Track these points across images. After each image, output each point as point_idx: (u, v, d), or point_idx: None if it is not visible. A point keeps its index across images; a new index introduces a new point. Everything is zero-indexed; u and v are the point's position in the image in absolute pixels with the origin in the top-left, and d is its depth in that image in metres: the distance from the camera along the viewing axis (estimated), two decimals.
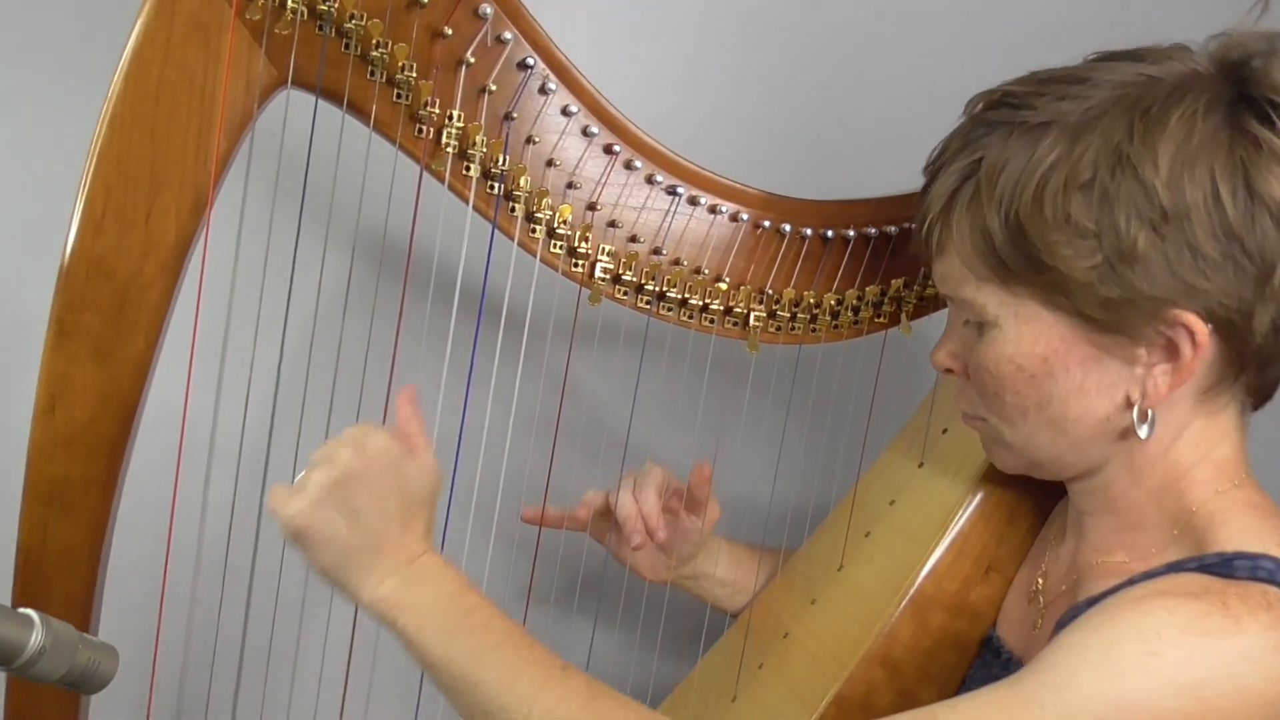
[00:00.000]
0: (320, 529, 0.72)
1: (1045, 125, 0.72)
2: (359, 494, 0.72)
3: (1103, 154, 0.70)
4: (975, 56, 1.18)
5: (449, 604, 0.73)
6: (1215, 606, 0.65)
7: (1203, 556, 0.70)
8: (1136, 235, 0.69)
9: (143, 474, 0.83)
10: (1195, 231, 0.68)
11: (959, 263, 0.76)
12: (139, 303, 0.77)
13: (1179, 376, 0.72)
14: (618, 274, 0.86)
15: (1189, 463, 0.75)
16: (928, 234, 0.78)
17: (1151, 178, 0.68)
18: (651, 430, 1.13)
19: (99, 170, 0.74)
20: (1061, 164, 0.70)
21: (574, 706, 0.70)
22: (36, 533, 0.78)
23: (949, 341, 0.82)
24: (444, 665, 0.71)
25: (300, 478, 0.74)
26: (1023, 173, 0.71)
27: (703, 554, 1.01)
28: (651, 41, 1.15)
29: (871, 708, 0.85)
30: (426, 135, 0.81)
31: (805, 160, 1.18)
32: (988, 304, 0.75)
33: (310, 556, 0.73)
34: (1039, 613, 0.83)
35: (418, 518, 0.75)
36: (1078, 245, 0.70)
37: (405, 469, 0.74)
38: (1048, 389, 0.75)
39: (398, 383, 0.87)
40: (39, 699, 0.81)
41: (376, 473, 0.73)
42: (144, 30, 0.74)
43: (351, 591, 0.73)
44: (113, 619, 0.83)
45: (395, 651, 0.74)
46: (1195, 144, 0.69)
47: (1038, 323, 0.74)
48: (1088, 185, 0.70)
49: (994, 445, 0.82)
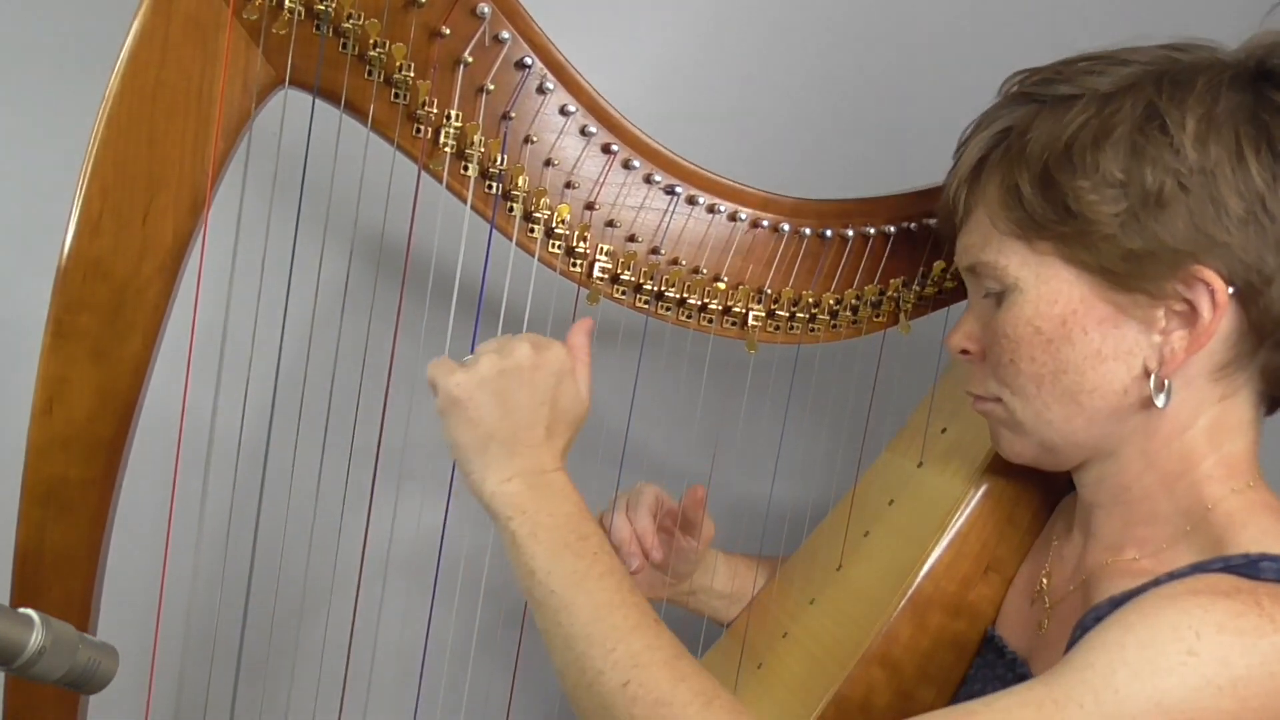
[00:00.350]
0: (474, 407, 0.76)
1: (1076, 96, 0.75)
2: (521, 389, 0.76)
3: (1133, 110, 0.72)
4: (976, 57, 1.18)
5: (566, 522, 0.75)
6: (1249, 606, 0.65)
7: (1228, 558, 0.70)
8: (1162, 184, 0.71)
9: (141, 474, 0.83)
10: (1219, 187, 0.71)
11: (985, 223, 0.78)
12: (137, 303, 0.76)
13: (1197, 340, 0.72)
14: (616, 273, 0.86)
15: (1203, 452, 0.75)
16: (955, 201, 0.80)
17: (1179, 134, 0.71)
18: (650, 430, 1.13)
19: (96, 171, 0.74)
20: (1092, 122, 0.73)
21: (659, 658, 0.70)
22: (34, 533, 0.78)
23: (966, 323, 0.83)
24: (544, 577, 0.73)
25: (472, 356, 0.77)
26: (1053, 130, 0.74)
27: (700, 569, 1.01)
28: (649, 40, 1.15)
29: (870, 708, 0.85)
30: (424, 135, 0.81)
31: (804, 159, 1.18)
32: (1009, 264, 0.76)
33: (451, 431, 0.77)
34: (1044, 613, 0.82)
35: (561, 435, 0.78)
36: (1104, 192, 0.72)
37: (567, 385, 0.78)
38: (1065, 355, 0.75)
39: (396, 383, 0.87)
40: (38, 699, 0.81)
41: (543, 376, 0.77)
42: (141, 30, 0.74)
43: (476, 478, 0.76)
44: (111, 619, 0.83)
45: (395, 652, 0.74)
46: (1221, 108, 0.71)
47: (1058, 282, 0.75)
48: (1118, 140, 0.72)
49: (1003, 430, 0.82)
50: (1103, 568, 0.78)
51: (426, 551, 0.92)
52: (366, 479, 0.88)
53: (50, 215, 0.79)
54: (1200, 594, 0.67)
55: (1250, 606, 0.65)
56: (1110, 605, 0.71)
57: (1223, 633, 0.64)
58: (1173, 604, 0.67)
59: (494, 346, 0.78)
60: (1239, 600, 0.65)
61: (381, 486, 0.93)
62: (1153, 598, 0.69)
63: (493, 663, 1.11)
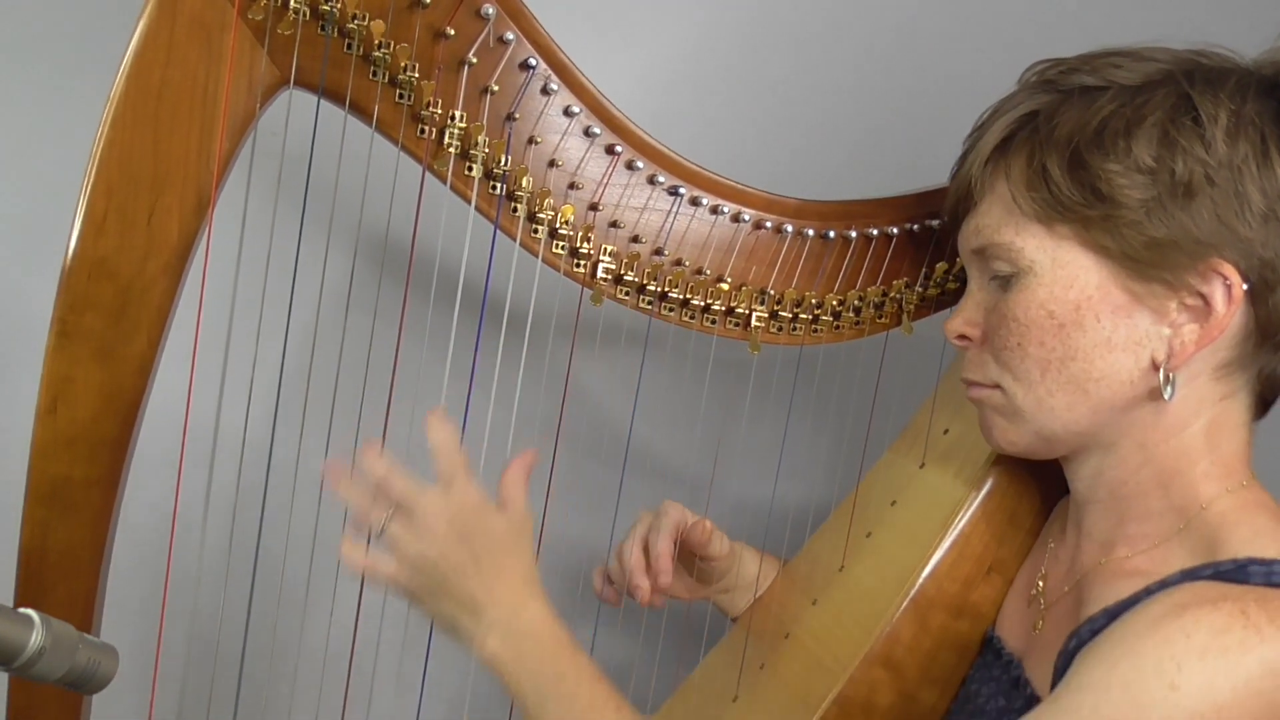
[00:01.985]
0: (420, 590, 0.77)
1: (1102, 88, 0.76)
2: (444, 556, 0.76)
3: (1165, 100, 0.73)
4: (978, 57, 1.18)
5: (542, 667, 0.77)
6: (1235, 617, 0.65)
7: (1217, 564, 0.70)
8: (1192, 173, 0.72)
9: (145, 474, 0.83)
10: (1245, 182, 0.72)
11: (1004, 204, 0.77)
12: (141, 303, 0.77)
13: (1208, 333, 0.73)
14: (619, 274, 0.86)
15: (1200, 451, 0.75)
16: (974, 180, 0.80)
17: (1211, 127, 0.72)
18: (653, 431, 1.13)
19: (101, 171, 0.74)
20: (1124, 110, 0.74)
21: None
22: (38, 533, 0.78)
23: (965, 308, 0.82)
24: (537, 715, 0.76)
25: (384, 526, 0.77)
26: (1083, 115, 0.75)
27: (733, 568, 1.01)
28: (653, 42, 1.15)
29: (872, 708, 0.85)
30: (429, 136, 0.81)
31: (807, 160, 1.19)
32: (1026, 247, 0.76)
33: (427, 614, 0.78)
34: (1040, 614, 0.83)
35: (508, 566, 0.77)
36: (1134, 178, 0.72)
37: (488, 522, 0.77)
38: (1075, 341, 0.75)
39: (400, 383, 0.87)
40: (40, 699, 0.81)
41: (456, 535, 0.76)
42: (146, 30, 0.74)
43: (471, 648, 0.78)
44: (114, 619, 0.83)
45: (396, 651, 0.74)
46: (1249, 109, 0.73)
47: (1074, 267, 0.75)
48: (1150, 126, 0.73)
49: (997, 418, 0.81)
50: (1096, 568, 0.78)
51: None
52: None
53: (55, 215, 0.79)
54: (1185, 613, 0.66)
55: (1236, 618, 0.65)
56: (1106, 617, 0.71)
57: (1205, 658, 0.64)
58: (1156, 633, 0.66)
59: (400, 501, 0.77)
60: (1224, 612, 0.65)
61: None
62: (1137, 623, 0.68)
63: None
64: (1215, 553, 0.71)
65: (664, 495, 0.98)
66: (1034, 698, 0.77)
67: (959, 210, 0.82)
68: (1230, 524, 0.72)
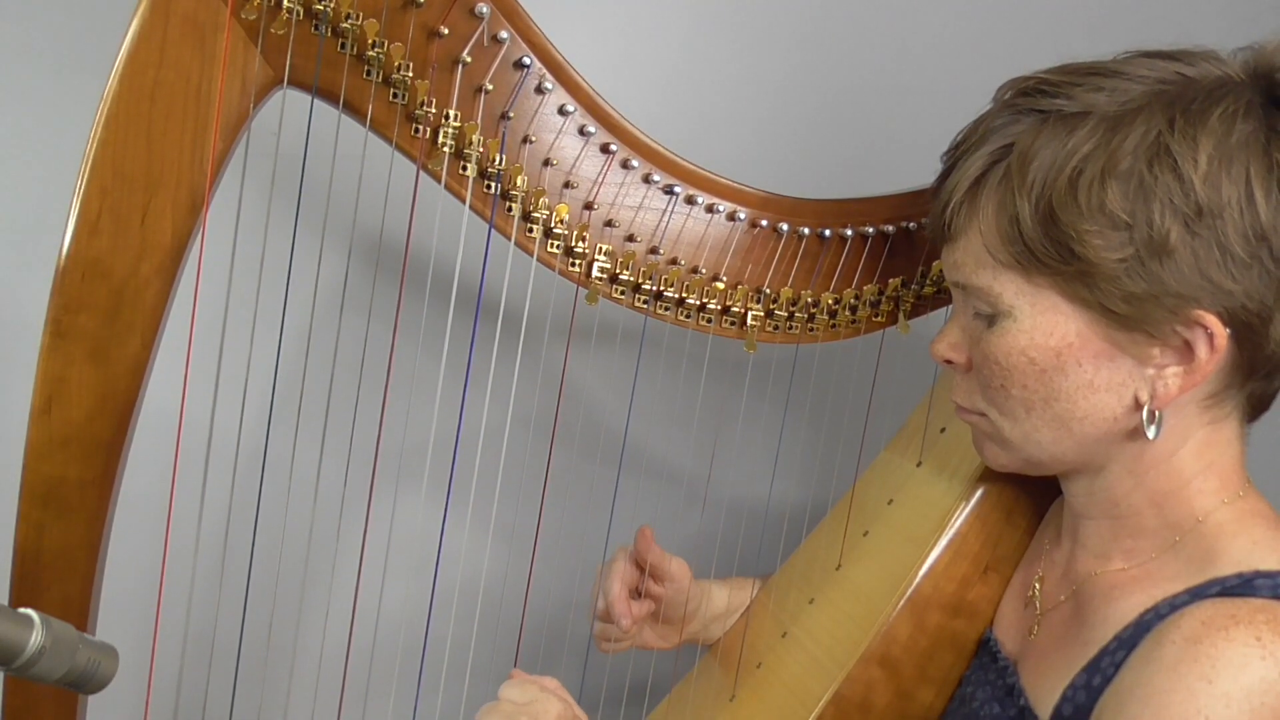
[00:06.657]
0: None
1: (1081, 115, 0.72)
2: None
3: (1143, 144, 0.69)
4: (975, 56, 1.18)
5: None
6: (1250, 645, 0.65)
7: (1223, 579, 0.70)
8: (1170, 229, 0.69)
9: (140, 474, 0.83)
10: (1227, 230, 0.69)
11: (979, 248, 0.75)
12: (135, 303, 0.76)
13: (1191, 379, 0.71)
14: (615, 273, 0.86)
15: (1193, 470, 0.75)
16: (948, 218, 0.77)
17: (1190, 172, 0.68)
18: (649, 430, 1.13)
19: (95, 171, 0.74)
20: (1099, 153, 0.70)
21: None
22: (33, 533, 0.78)
23: (951, 333, 0.81)
24: None
25: None
26: (1057, 159, 0.71)
27: (700, 604, 1.00)
28: (648, 40, 1.15)
29: (869, 707, 0.85)
30: (423, 135, 0.81)
31: (802, 159, 1.18)
32: (1004, 293, 0.74)
33: None
34: (1035, 618, 0.82)
35: None
36: (1109, 236, 0.70)
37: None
38: (1057, 384, 0.74)
39: (395, 382, 0.87)
40: (36, 699, 0.81)
41: None
42: (139, 30, 0.73)
43: None
44: (110, 619, 0.83)
45: (393, 651, 0.74)
46: (1233, 143, 0.69)
47: (1055, 314, 0.73)
48: (1125, 175, 0.69)
49: (988, 442, 0.81)
50: (1092, 577, 0.78)
51: (426, 551, 0.92)
52: (365, 479, 0.88)
53: (49, 215, 0.79)
54: (1201, 653, 0.65)
55: (1252, 646, 0.65)
56: (1119, 645, 0.71)
57: (1230, 705, 0.64)
58: (1179, 685, 0.65)
59: None
60: (1239, 640, 0.65)
61: (380, 487, 0.93)
62: (1156, 675, 0.67)
63: (492, 663, 1.11)
64: (1214, 565, 0.71)
65: (660, 494, 0.98)
66: (1026, 708, 0.77)
67: (938, 237, 0.80)
68: (1228, 535, 0.72)
